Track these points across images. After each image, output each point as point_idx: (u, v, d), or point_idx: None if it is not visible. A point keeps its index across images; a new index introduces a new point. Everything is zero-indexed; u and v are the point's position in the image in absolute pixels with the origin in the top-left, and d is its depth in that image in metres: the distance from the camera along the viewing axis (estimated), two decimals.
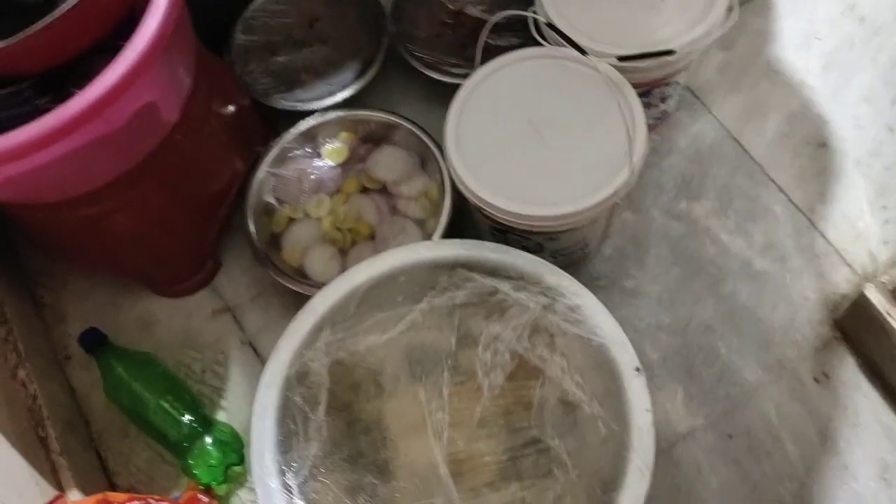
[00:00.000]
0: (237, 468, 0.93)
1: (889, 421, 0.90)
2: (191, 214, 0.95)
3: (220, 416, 0.97)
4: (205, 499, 0.89)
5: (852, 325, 0.93)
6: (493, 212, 0.85)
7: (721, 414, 0.93)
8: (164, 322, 1.03)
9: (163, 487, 0.92)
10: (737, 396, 0.93)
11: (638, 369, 0.77)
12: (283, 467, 0.77)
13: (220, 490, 0.92)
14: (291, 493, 0.76)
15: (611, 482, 0.74)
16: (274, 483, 0.76)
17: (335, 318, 0.83)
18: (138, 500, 0.81)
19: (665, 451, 0.91)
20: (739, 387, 0.94)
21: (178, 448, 0.92)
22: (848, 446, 0.90)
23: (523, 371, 0.80)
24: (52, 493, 0.83)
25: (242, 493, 0.94)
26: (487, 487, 0.76)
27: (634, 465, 0.74)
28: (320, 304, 0.83)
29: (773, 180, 1.04)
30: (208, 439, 0.92)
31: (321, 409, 0.80)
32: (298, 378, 0.81)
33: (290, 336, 0.81)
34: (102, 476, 0.94)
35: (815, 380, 0.93)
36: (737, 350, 0.96)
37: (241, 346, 1.01)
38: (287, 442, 0.79)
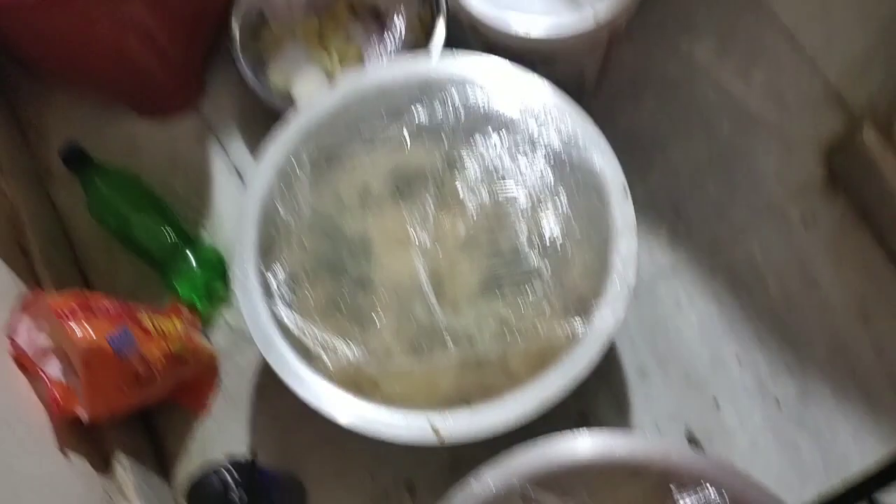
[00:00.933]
0: (220, 288, 0.93)
1: (873, 261, 0.90)
2: (175, 29, 0.92)
3: (205, 239, 0.96)
4: (186, 311, 0.89)
5: (845, 166, 0.92)
6: (484, 28, 0.82)
7: (705, 252, 0.92)
8: (149, 146, 1.01)
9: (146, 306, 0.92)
10: (723, 235, 0.93)
11: (625, 190, 0.76)
12: (264, 270, 0.77)
13: (203, 308, 0.92)
14: (272, 297, 0.76)
15: (590, 299, 0.74)
16: (254, 284, 0.76)
17: (321, 130, 0.81)
18: (117, 301, 0.81)
19: (646, 282, 0.91)
20: (727, 226, 0.93)
21: (162, 266, 0.92)
22: (830, 285, 0.90)
23: (506, 195, 0.79)
24: None
25: (226, 314, 0.94)
26: (467, 301, 0.76)
27: (615, 285, 0.74)
28: (307, 114, 0.81)
29: (779, 18, 1.00)
30: (192, 257, 0.92)
31: (305, 221, 0.79)
32: (282, 189, 0.79)
33: (275, 145, 0.80)
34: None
35: (804, 221, 0.93)
36: (727, 191, 0.95)
37: (226, 171, 0.99)
38: (269, 249, 0.78)
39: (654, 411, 0.86)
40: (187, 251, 0.92)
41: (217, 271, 0.93)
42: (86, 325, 0.72)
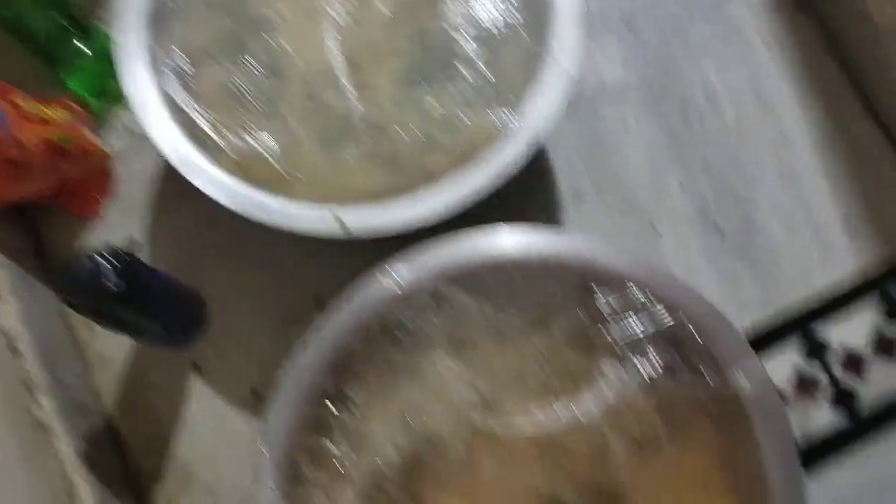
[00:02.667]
0: (114, 83, 0.82)
1: (836, 93, 0.83)
2: None
3: (100, 29, 0.85)
4: (76, 105, 0.79)
5: None
6: None
7: (658, 71, 0.84)
8: None
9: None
10: (677, 55, 0.85)
11: None
12: (154, 46, 0.67)
13: (96, 106, 0.82)
14: (164, 77, 0.66)
15: (522, 88, 0.66)
16: (140, 57, 0.66)
17: None
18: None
19: (590, 99, 0.83)
20: (683, 45, 0.85)
21: (50, 56, 0.82)
22: (788, 114, 0.83)
23: None
24: None
25: (123, 116, 0.84)
26: (386, 89, 0.67)
27: (551, 73, 0.65)
28: None
29: None
30: (84, 47, 0.81)
31: None
32: None
33: None
34: None
35: (767, 45, 0.85)
36: (686, 6, 0.86)
37: None
38: (161, 24, 0.68)
39: None
40: (77, 41, 0.81)
41: (111, 63, 0.82)
42: None
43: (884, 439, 0.75)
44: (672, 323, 0.59)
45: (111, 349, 0.78)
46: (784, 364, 0.77)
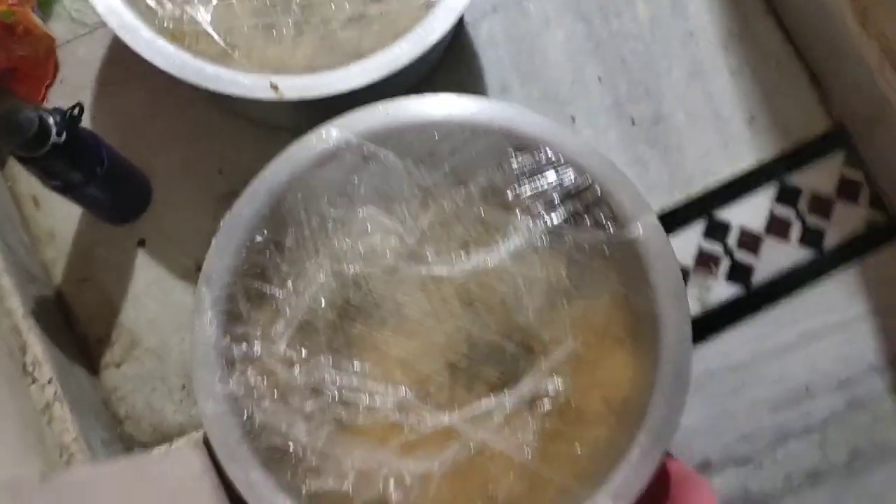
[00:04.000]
0: None
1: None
2: None
3: None
4: None
5: None
6: None
7: None
8: None
9: None
10: None
11: None
12: None
13: None
14: None
15: None
16: None
17: None
18: None
19: (517, 1, 0.88)
20: None
21: None
22: (697, 14, 0.89)
23: None
24: None
25: (66, 2, 0.87)
26: None
27: None
28: None
29: None
30: None
31: None
32: None
33: None
34: None
35: None
36: None
37: None
38: None
39: None
40: None
41: None
42: None
43: (775, 310, 0.84)
44: (579, 181, 0.65)
45: (58, 224, 0.82)
46: (687, 242, 0.85)
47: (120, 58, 0.85)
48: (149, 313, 0.81)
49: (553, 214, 0.66)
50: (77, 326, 0.80)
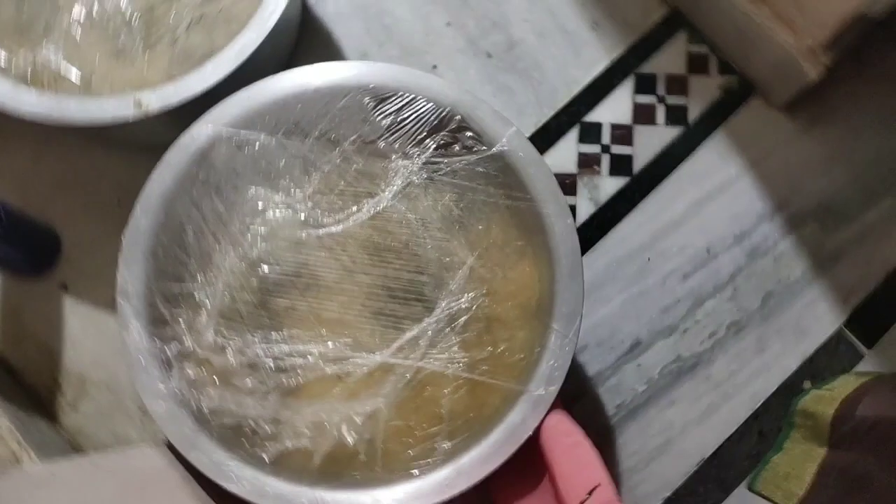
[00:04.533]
0: None
1: None
2: None
3: None
4: None
5: None
6: None
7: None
8: None
9: None
10: None
11: None
12: None
13: None
14: None
15: None
16: None
17: None
18: None
19: None
20: None
21: None
22: None
23: None
24: None
25: None
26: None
27: None
28: None
29: None
30: None
31: None
32: None
33: None
34: None
35: None
36: None
37: None
38: None
39: None
40: None
41: None
42: None
43: (661, 189, 0.90)
44: (440, 113, 0.71)
45: None
46: (567, 150, 0.91)
47: None
48: (89, 350, 0.84)
49: (424, 150, 0.71)
50: (26, 380, 0.83)
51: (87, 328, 0.84)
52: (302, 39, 0.91)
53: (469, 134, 0.71)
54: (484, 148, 0.70)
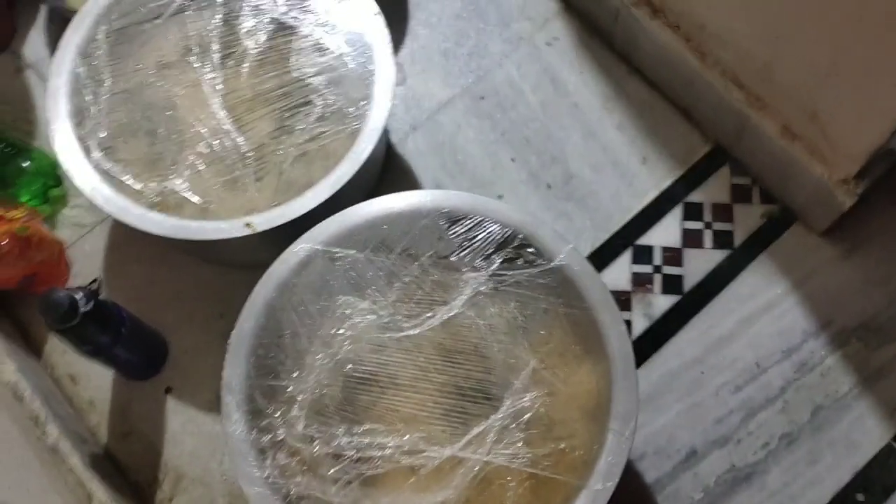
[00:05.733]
0: (56, 190, 1.03)
1: (608, 65, 1.09)
2: None
3: (38, 149, 1.06)
4: (27, 207, 0.99)
5: None
6: None
7: (474, 81, 1.09)
8: None
9: None
10: (485, 66, 1.10)
11: (377, 14, 0.92)
12: (84, 135, 0.88)
13: (45, 210, 1.02)
14: (91, 154, 0.87)
15: (361, 101, 0.89)
16: (73, 144, 0.87)
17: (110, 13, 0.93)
18: None
19: (430, 115, 1.07)
20: (487, 58, 1.10)
21: (2, 178, 1.02)
22: (576, 89, 1.08)
23: (282, 36, 0.93)
24: None
25: (66, 212, 1.04)
26: (264, 123, 0.90)
27: (380, 84, 0.89)
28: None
29: None
30: (25, 165, 1.01)
31: (110, 91, 0.91)
32: (87, 66, 0.91)
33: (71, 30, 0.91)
34: None
35: (548, 44, 1.11)
36: (483, 30, 1.12)
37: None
38: (82, 119, 0.90)
39: None
40: (19, 160, 1.01)
41: (51, 175, 1.03)
42: None
43: (710, 307, 0.97)
44: (505, 232, 0.81)
45: (95, 393, 0.95)
46: (621, 271, 0.99)
47: (117, 243, 1.01)
48: (187, 448, 0.93)
49: (491, 263, 0.81)
50: (128, 474, 0.92)
51: (186, 427, 0.94)
52: (386, 172, 1.04)
53: (531, 250, 0.80)
54: (544, 262, 0.79)
